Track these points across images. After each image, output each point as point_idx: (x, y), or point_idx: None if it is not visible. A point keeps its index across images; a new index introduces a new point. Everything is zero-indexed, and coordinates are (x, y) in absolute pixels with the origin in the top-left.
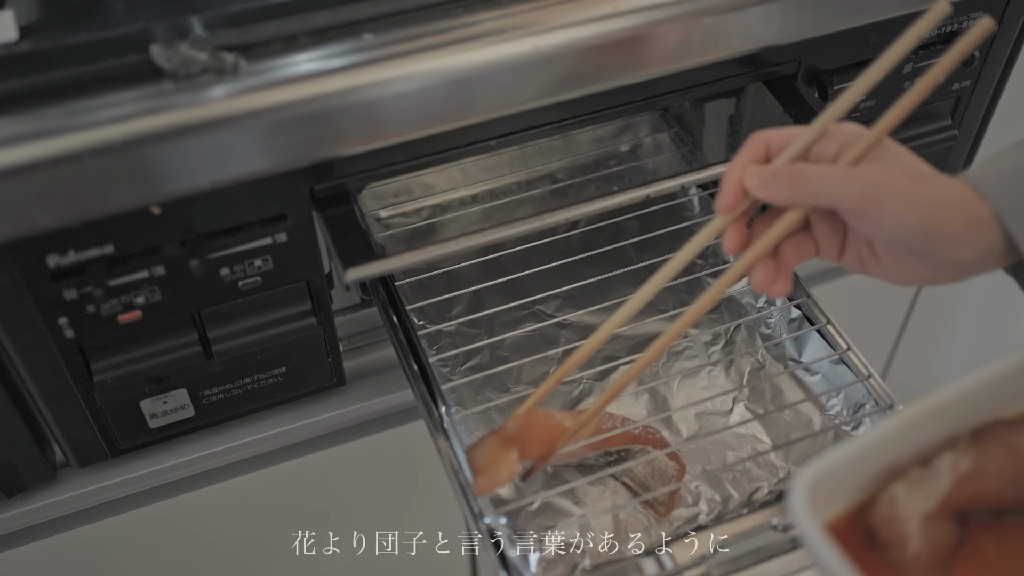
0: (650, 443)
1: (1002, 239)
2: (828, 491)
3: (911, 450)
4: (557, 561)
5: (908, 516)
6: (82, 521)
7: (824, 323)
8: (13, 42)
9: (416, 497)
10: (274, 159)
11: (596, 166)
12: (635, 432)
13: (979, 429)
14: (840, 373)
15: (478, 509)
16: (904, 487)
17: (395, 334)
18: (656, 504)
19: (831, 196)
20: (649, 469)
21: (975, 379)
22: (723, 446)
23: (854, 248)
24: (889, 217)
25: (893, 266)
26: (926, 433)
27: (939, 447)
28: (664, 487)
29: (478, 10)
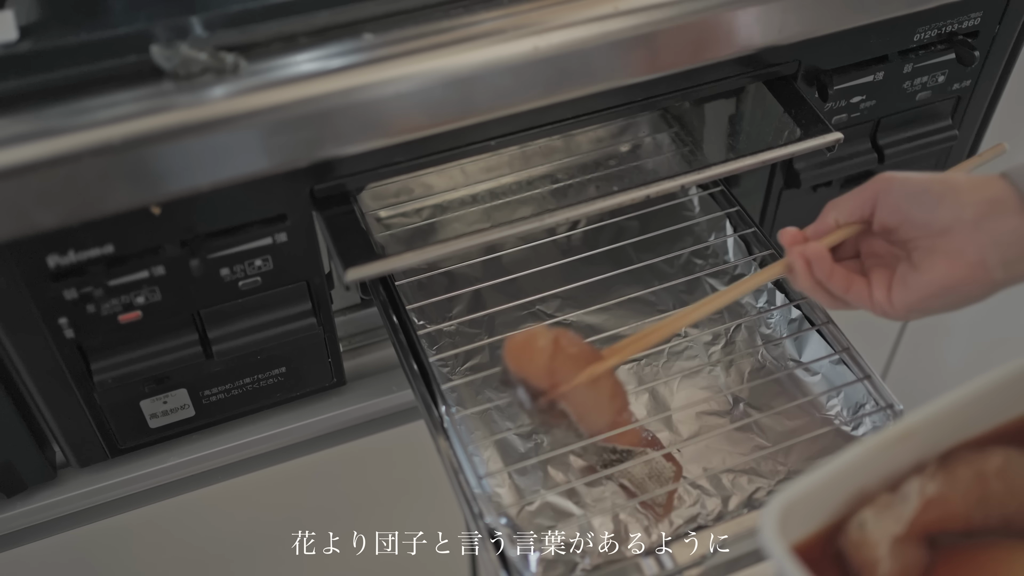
0: (649, 445)
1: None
2: (798, 515)
3: (880, 475)
4: (557, 561)
5: (877, 540)
6: (82, 521)
7: (824, 323)
8: (13, 42)
9: (416, 497)
10: (274, 159)
11: (596, 166)
12: (643, 434)
13: (946, 453)
14: (840, 373)
15: (478, 509)
16: (873, 512)
17: (395, 334)
18: (654, 505)
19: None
20: (647, 470)
21: (942, 405)
22: (723, 446)
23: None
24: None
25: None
26: (894, 459)
27: (907, 472)
28: (661, 488)
29: (478, 10)
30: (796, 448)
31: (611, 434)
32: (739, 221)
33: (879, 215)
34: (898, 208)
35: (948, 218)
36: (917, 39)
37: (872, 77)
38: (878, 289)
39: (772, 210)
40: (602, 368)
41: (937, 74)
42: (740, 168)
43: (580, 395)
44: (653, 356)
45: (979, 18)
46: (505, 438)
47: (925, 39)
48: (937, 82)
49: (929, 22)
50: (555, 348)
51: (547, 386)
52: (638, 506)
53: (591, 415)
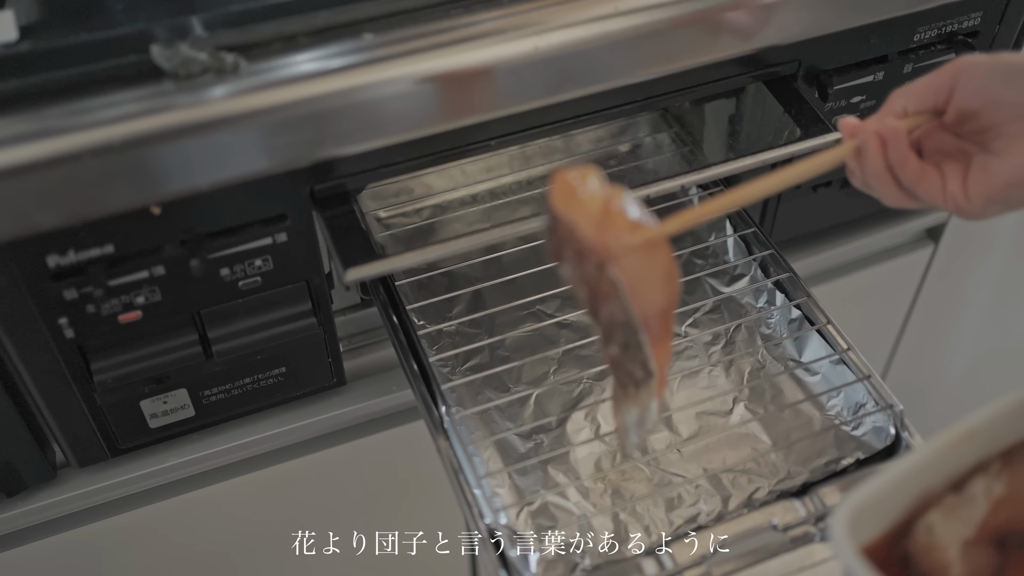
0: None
1: None
2: (866, 519)
3: (943, 476)
4: (557, 561)
5: (947, 544)
6: (82, 521)
7: (824, 323)
8: (13, 42)
9: (416, 497)
10: (274, 159)
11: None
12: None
13: (1009, 451)
14: (840, 373)
15: (478, 509)
16: (940, 515)
17: (395, 334)
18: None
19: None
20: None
21: (1002, 403)
22: (723, 446)
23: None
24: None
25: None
26: (957, 459)
27: (970, 472)
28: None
29: (478, 10)
30: (796, 448)
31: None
32: (739, 221)
33: (958, 99)
34: (983, 89)
35: None
36: (917, 39)
37: (872, 77)
38: (953, 181)
39: (772, 210)
40: (662, 232)
41: None
42: (740, 168)
43: (635, 264)
44: None
45: (979, 18)
46: (505, 438)
47: (925, 39)
48: None
49: (929, 22)
50: (609, 201)
51: (598, 243)
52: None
53: (645, 291)
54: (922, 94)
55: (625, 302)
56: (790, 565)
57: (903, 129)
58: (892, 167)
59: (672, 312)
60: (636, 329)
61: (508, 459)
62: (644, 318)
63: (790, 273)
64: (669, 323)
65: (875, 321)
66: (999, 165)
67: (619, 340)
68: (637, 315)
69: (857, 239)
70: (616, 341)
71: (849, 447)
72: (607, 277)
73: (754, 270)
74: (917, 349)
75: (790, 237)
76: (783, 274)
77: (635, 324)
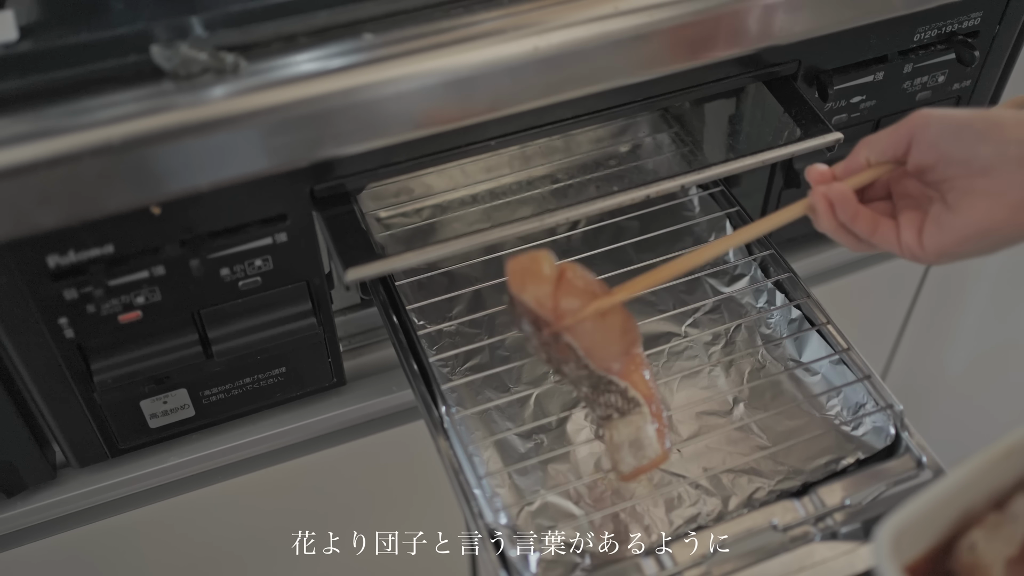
0: (656, 413)
1: None
2: (909, 538)
3: (985, 494)
4: (557, 561)
5: (990, 563)
6: (82, 521)
7: (824, 323)
8: (13, 42)
9: (416, 497)
10: (274, 159)
11: (596, 166)
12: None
13: None
14: (840, 373)
15: (478, 509)
16: (983, 533)
17: (395, 334)
18: (616, 468)
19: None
20: (633, 436)
21: None
22: (723, 446)
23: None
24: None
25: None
26: (998, 476)
27: (1012, 489)
28: (633, 460)
29: (478, 10)
30: (796, 448)
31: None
32: (739, 221)
33: (915, 153)
34: (936, 145)
35: (990, 156)
36: (917, 39)
37: (872, 77)
38: (907, 231)
39: (772, 210)
40: (610, 302)
41: (937, 74)
42: (740, 168)
43: (587, 329)
44: (653, 356)
45: (979, 18)
46: (505, 438)
47: (925, 39)
48: (937, 82)
49: (929, 22)
50: (560, 278)
51: (552, 318)
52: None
53: (600, 350)
54: (883, 145)
55: (584, 360)
56: (790, 565)
57: (849, 192)
58: (844, 224)
59: (637, 349)
60: (600, 376)
61: (508, 459)
62: (606, 367)
63: (790, 273)
64: (636, 358)
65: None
66: (951, 220)
67: (587, 384)
68: (598, 367)
69: None
70: (584, 385)
71: (849, 447)
72: (563, 343)
73: (754, 270)
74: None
75: (790, 237)
76: (783, 274)
77: (598, 373)
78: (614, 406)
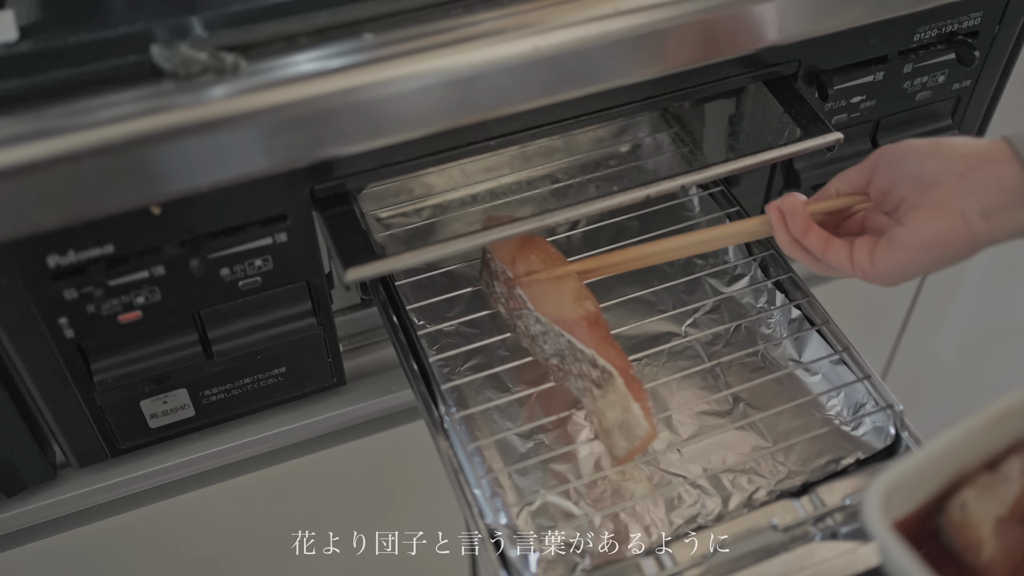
0: (632, 384)
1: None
2: (900, 495)
3: (978, 455)
4: (557, 561)
5: (980, 521)
6: (82, 521)
7: (824, 323)
8: (13, 42)
9: (416, 497)
10: (274, 159)
11: (596, 166)
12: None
13: None
14: (840, 373)
15: (478, 509)
16: (974, 493)
17: (395, 334)
18: (611, 454)
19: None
20: (620, 418)
21: None
22: (723, 446)
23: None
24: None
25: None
26: (992, 438)
27: (1005, 451)
28: (626, 442)
29: (478, 10)
30: (796, 448)
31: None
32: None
33: (875, 180)
34: (891, 166)
35: (936, 170)
36: (917, 39)
37: (872, 77)
38: (860, 251)
39: None
40: (564, 270)
41: (937, 74)
42: (740, 168)
43: (540, 287)
44: (653, 356)
45: (979, 18)
46: (505, 438)
47: (925, 39)
48: (937, 82)
49: (929, 22)
50: (525, 240)
51: (512, 273)
52: (637, 507)
53: (549, 305)
54: (850, 177)
55: (534, 312)
56: (790, 565)
57: (800, 204)
58: (797, 239)
59: (600, 323)
60: (557, 332)
61: (508, 459)
62: (562, 324)
63: (790, 273)
64: (602, 332)
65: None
66: (900, 234)
67: (552, 351)
68: (548, 319)
69: None
70: (551, 353)
71: (849, 447)
72: (516, 295)
73: (754, 270)
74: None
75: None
76: (783, 274)
77: (551, 326)
78: (588, 377)
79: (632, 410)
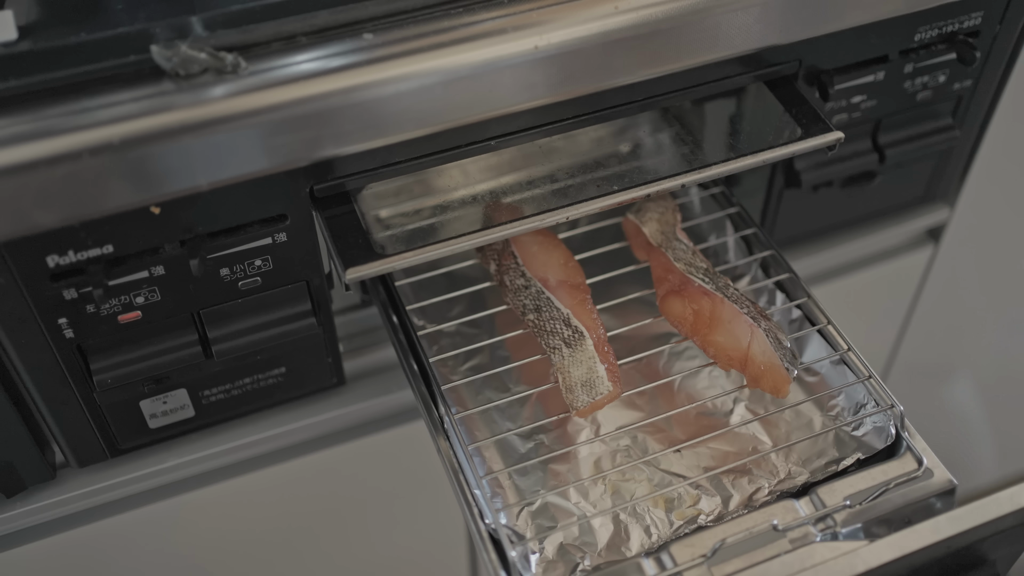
0: (602, 348)
1: None
2: None
3: None
4: (557, 561)
5: None
6: (82, 521)
7: (825, 324)
8: (13, 42)
9: (416, 497)
10: (274, 159)
11: (596, 166)
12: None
13: None
14: (841, 373)
15: (478, 509)
16: None
17: (395, 334)
18: (570, 406)
19: None
20: (585, 377)
21: None
22: (723, 447)
23: None
24: None
25: None
26: None
27: None
28: (587, 397)
29: (478, 10)
30: (796, 448)
31: None
32: (740, 221)
33: None
34: None
35: None
36: (918, 39)
37: (873, 77)
38: None
39: (773, 210)
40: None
41: (938, 74)
42: (740, 168)
43: (532, 248)
44: (653, 357)
45: (980, 18)
46: (505, 438)
47: (926, 39)
48: (938, 82)
49: (930, 22)
50: None
51: None
52: (637, 507)
53: (536, 263)
54: None
55: (521, 267)
56: (791, 566)
57: None
58: None
59: (581, 289)
60: (538, 288)
61: (508, 459)
62: (544, 283)
63: (790, 274)
64: (580, 297)
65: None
66: None
67: (531, 305)
68: (534, 275)
69: (857, 239)
70: (529, 308)
71: (849, 447)
72: (509, 251)
73: (755, 270)
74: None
75: (790, 237)
76: (784, 275)
77: (536, 285)
78: (560, 335)
79: (597, 370)
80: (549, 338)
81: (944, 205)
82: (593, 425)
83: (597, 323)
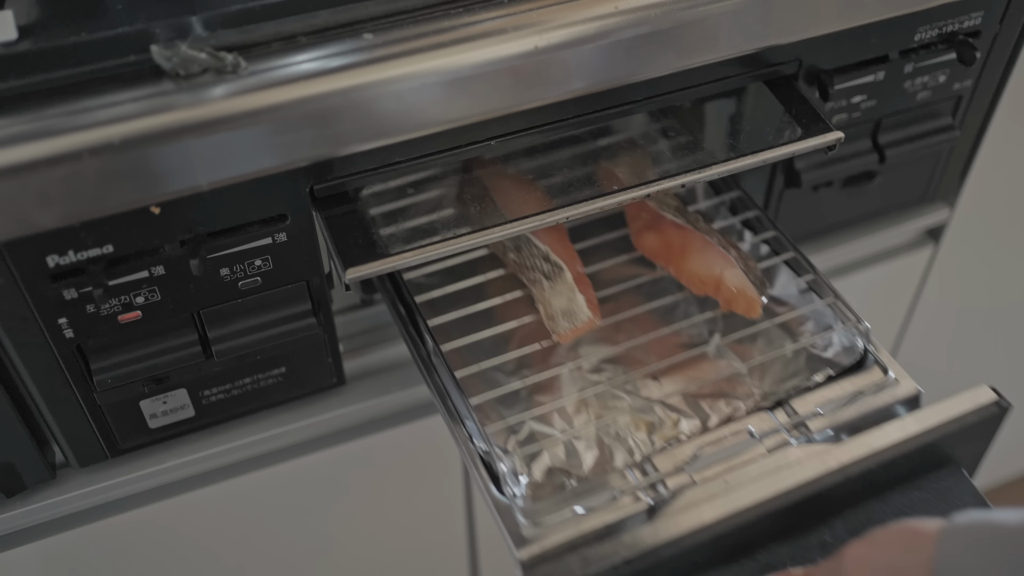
0: (581, 281)
1: None
2: None
3: None
4: (545, 484)
5: None
6: (82, 521)
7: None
8: (13, 42)
9: (416, 497)
10: (274, 159)
11: None
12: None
13: None
14: (809, 301)
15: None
16: None
17: (404, 327)
18: (552, 332)
19: None
20: (566, 307)
21: None
22: (701, 374)
23: None
24: None
25: None
26: None
27: None
28: (568, 324)
29: (478, 10)
30: (770, 372)
31: None
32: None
33: None
34: None
35: None
36: (918, 39)
37: (873, 77)
38: None
39: (773, 210)
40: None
41: (938, 74)
42: (740, 168)
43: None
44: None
45: (980, 18)
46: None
47: (926, 39)
48: (938, 82)
49: (930, 22)
50: None
51: None
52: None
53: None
54: None
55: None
56: (767, 467)
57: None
58: None
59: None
60: None
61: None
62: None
63: (757, 211)
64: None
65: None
66: None
67: (511, 244)
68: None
69: (857, 239)
70: (510, 247)
71: (820, 366)
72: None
73: (723, 212)
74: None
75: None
76: (751, 212)
77: None
78: (540, 270)
79: (576, 300)
80: (530, 273)
81: (944, 205)
82: (575, 360)
83: (575, 259)
